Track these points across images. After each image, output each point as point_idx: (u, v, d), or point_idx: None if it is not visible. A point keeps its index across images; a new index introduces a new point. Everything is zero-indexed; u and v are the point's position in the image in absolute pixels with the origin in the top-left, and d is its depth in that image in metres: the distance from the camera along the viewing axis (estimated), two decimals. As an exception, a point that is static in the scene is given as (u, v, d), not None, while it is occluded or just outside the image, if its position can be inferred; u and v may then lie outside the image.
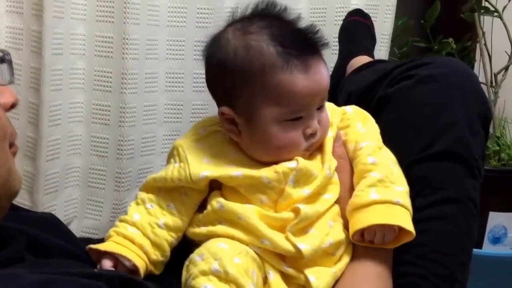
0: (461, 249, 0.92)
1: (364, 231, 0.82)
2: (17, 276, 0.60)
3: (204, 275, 0.76)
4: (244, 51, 0.83)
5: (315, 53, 0.84)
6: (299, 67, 0.82)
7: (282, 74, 0.81)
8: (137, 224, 0.86)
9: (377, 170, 0.85)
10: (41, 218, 0.93)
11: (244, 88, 0.83)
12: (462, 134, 0.93)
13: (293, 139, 0.84)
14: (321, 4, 1.62)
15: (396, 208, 0.82)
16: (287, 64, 0.81)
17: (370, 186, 0.83)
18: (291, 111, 0.83)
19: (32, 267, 0.67)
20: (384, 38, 1.70)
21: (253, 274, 0.79)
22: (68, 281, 0.61)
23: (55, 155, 1.40)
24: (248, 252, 0.80)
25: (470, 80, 0.98)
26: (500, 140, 1.82)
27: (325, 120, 0.87)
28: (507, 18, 1.77)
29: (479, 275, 1.62)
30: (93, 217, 1.49)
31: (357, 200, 0.83)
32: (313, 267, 0.82)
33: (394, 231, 0.82)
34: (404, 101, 0.97)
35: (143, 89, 1.46)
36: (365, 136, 0.90)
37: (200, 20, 1.48)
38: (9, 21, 1.38)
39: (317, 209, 0.84)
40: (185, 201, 0.87)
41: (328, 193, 0.87)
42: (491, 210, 1.68)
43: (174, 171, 0.87)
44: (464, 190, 0.92)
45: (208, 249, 0.79)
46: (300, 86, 0.82)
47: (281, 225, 0.83)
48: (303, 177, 0.85)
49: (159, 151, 1.52)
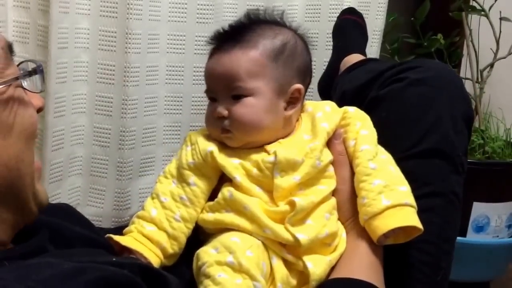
0: (445, 239, 0.98)
1: (385, 235, 0.89)
2: (51, 264, 0.66)
3: (219, 265, 0.83)
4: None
5: (227, 43, 0.96)
6: (210, 54, 0.99)
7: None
8: (155, 220, 0.93)
9: (379, 176, 0.92)
10: (58, 208, 0.99)
11: None
12: (447, 133, 1.00)
13: (207, 115, 0.98)
14: (316, 1, 1.67)
15: (406, 209, 0.89)
16: (211, 51, 0.99)
17: (379, 193, 0.90)
18: (205, 89, 0.99)
19: (60, 257, 0.73)
20: (376, 35, 1.74)
21: (263, 266, 0.86)
22: (99, 269, 0.67)
23: (59, 145, 1.44)
24: (259, 246, 0.88)
25: (455, 83, 1.05)
26: (485, 133, 1.87)
27: (238, 113, 0.94)
28: (493, 17, 1.82)
29: (464, 262, 1.70)
30: (96, 205, 1.53)
31: (371, 209, 0.89)
32: (311, 255, 0.89)
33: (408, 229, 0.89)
34: (395, 102, 1.04)
35: (145, 82, 1.49)
36: (365, 139, 0.96)
37: (200, 16, 1.52)
38: (16, 16, 1.40)
39: (312, 200, 0.91)
40: (196, 192, 0.94)
41: (322, 185, 0.94)
42: (475, 201, 1.73)
43: (187, 154, 0.96)
44: (449, 185, 0.99)
45: (222, 243, 0.86)
46: (205, 68, 0.99)
47: (280, 217, 0.90)
48: (287, 166, 0.92)
49: (160, 141, 1.56)
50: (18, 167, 0.75)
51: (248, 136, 0.94)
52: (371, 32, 1.69)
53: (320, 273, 0.88)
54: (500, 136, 1.89)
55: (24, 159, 0.76)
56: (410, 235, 0.90)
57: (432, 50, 1.94)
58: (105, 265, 0.69)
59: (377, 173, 0.92)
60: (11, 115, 0.74)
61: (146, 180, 1.56)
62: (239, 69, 0.94)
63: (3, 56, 0.76)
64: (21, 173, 0.76)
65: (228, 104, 0.94)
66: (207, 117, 0.98)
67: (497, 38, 1.84)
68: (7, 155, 0.74)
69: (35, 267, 0.65)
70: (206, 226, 0.94)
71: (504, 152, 1.82)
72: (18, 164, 0.75)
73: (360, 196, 0.92)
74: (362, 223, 0.92)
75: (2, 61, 0.76)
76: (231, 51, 0.95)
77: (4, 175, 0.74)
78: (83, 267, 0.66)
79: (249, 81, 0.94)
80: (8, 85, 0.75)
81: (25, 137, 0.76)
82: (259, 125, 0.94)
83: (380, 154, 0.95)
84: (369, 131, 0.98)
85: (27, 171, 0.77)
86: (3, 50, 0.76)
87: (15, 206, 0.77)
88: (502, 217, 1.77)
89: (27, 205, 0.78)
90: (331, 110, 0.99)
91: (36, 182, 0.80)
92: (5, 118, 0.74)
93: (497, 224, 1.77)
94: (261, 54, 0.95)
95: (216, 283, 0.81)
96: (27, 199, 0.78)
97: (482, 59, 1.91)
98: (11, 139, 0.74)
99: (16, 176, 0.75)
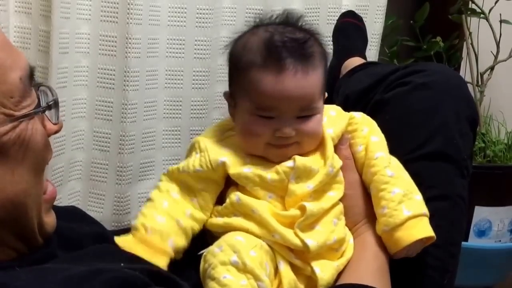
0: (452, 242, 0.99)
1: (408, 246, 0.90)
2: (66, 267, 0.66)
3: (224, 265, 0.82)
4: (243, 46, 0.93)
5: (299, 62, 0.89)
6: (272, 69, 0.88)
7: (255, 72, 0.89)
8: (168, 211, 0.91)
9: (397, 184, 0.92)
10: (66, 211, 0.98)
11: (235, 78, 0.94)
12: (452, 136, 1.00)
13: (257, 132, 0.90)
14: (315, 4, 1.67)
15: (425, 219, 0.91)
16: (264, 64, 0.88)
17: (399, 203, 0.90)
18: (258, 107, 0.90)
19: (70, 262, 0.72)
20: (375, 38, 1.75)
21: (266, 266, 0.85)
22: (115, 270, 0.67)
23: (60, 150, 1.43)
24: (262, 246, 0.87)
25: (460, 87, 1.05)
26: (486, 137, 1.86)
27: (308, 131, 0.91)
28: (493, 20, 1.82)
29: (466, 266, 1.68)
30: (96, 210, 1.52)
31: (394, 220, 0.90)
32: (319, 260, 0.89)
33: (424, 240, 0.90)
34: (400, 106, 1.04)
35: (144, 86, 1.49)
36: (378, 146, 0.96)
37: (199, 20, 1.52)
38: (18, 21, 1.39)
39: (322, 206, 0.90)
40: (205, 196, 0.94)
41: (332, 191, 0.93)
42: (476, 205, 1.73)
43: (195, 161, 0.94)
44: (455, 188, 0.99)
45: (226, 241, 0.86)
46: (266, 86, 0.88)
47: (290, 221, 0.89)
48: (304, 174, 0.91)
49: (159, 146, 1.56)
50: (24, 202, 0.73)
51: (313, 147, 0.94)
52: (370, 35, 1.69)
53: (328, 278, 0.88)
54: (501, 140, 1.89)
55: (32, 193, 0.74)
56: (424, 245, 0.91)
57: (431, 53, 1.94)
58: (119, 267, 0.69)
59: (395, 181, 0.92)
60: (21, 149, 0.72)
61: (145, 184, 1.55)
62: (315, 91, 0.91)
63: (20, 88, 0.72)
64: (27, 208, 0.74)
65: (294, 122, 0.90)
66: (257, 134, 0.91)
67: (497, 41, 1.84)
68: (13, 191, 0.72)
69: (50, 270, 0.65)
70: (215, 230, 0.93)
71: (505, 155, 1.82)
72: (25, 199, 0.73)
73: (380, 206, 0.92)
74: (380, 233, 0.92)
75: (18, 94, 0.72)
76: (306, 73, 0.89)
77: (9, 210, 0.72)
78: (98, 268, 0.66)
79: (319, 101, 0.93)
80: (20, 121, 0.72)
81: (35, 170, 0.74)
82: (320, 136, 0.94)
83: (392, 160, 0.96)
84: (379, 137, 0.97)
85: (33, 205, 0.75)
86: (21, 81, 0.72)
87: (21, 236, 0.75)
88: (504, 222, 1.77)
89: (32, 236, 0.77)
90: (336, 115, 0.99)
91: (44, 213, 0.78)
92: (14, 153, 0.71)
93: (499, 229, 1.77)
94: (323, 72, 0.93)
95: (222, 285, 0.81)
96: (32, 231, 0.76)
97: (482, 62, 1.90)
98: (20, 175, 0.72)
99: (22, 211, 0.73)
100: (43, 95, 0.78)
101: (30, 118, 0.74)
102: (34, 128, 0.74)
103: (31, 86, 0.75)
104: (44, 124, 0.78)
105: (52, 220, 0.80)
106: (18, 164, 0.72)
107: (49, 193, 0.79)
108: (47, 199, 0.79)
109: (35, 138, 0.74)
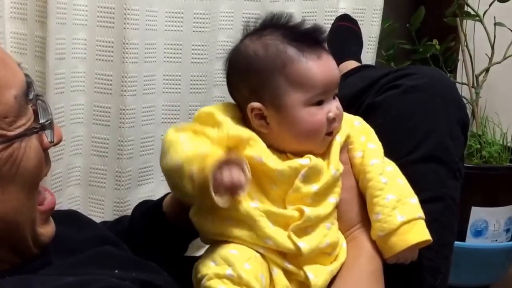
0: (444, 244, 0.99)
1: (403, 251, 0.90)
2: (55, 278, 0.66)
3: (219, 278, 0.83)
4: (263, 50, 0.92)
5: (323, 47, 0.94)
6: (312, 55, 0.91)
7: (298, 63, 0.90)
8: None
9: (391, 190, 0.92)
10: (65, 215, 0.99)
11: (269, 82, 0.91)
12: (443, 139, 1.01)
13: (319, 121, 0.91)
14: (312, 8, 1.68)
15: (419, 222, 0.91)
16: (301, 55, 0.91)
17: (393, 208, 0.91)
18: (313, 94, 0.91)
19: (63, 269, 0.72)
20: (371, 41, 1.76)
21: (261, 278, 0.85)
22: (103, 280, 0.67)
23: (59, 156, 1.44)
24: (256, 258, 0.87)
25: (450, 90, 1.06)
26: (482, 138, 1.88)
27: (340, 108, 0.94)
28: (488, 22, 1.83)
29: (463, 266, 1.70)
30: (95, 215, 1.52)
31: (388, 226, 0.90)
32: (312, 265, 0.89)
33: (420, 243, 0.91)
34: (391, 109, 1.05)
35: (142, 91, 1.50)
36: (374, 153, 0.96)
37: (196, 25, 1.53)
38: (14, 27, 1.40)
39: (319, 212, 0.90)
40: None
41: (332, 196, 0.93)
42: (473, 205, 1.74)
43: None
44: (448, 190, 1.00)
45: (220, 255, 0.86)
46: (315, 71, 0.91)
47: (285, 222, 0.89)
48: (314, 174, 0.91)
49: (158, 150, 1.53)
50: (15, 219, 0.72)
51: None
52: (367, 39, 1.70)
53: (322, 283, 0.89)
54: (497, 141, 1.90)
55: (23, 210, 0.73)
56: (419, 248, 0.92)
57: (427, 56, 1.95)
58: (108, 277, 0.69)
59: (389, 187, 0.93)
60: (13, 168, 0.71)
61: (145, 189, 1.56)
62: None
63: (15, 108, 0.71)
64: (19, 225, 0.73)
65: (333, 102, 0.94)
66: (320, 123, 0.92)
67: (491, 43, 1.85)
68: (4, 209, 0.71)
69: (38, 281, 0.65)
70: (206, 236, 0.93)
71: (501, 156, 1.83)
72: (15, 217, 0.72)
73: (374, 212, 0.92)
74: (375, 238, 0.92)
75: (13, 113, 0.71)
76: (330, 54, 0.95)
77: (1, 228, 0.71)
78: (86, 280, 0.66)
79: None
80: (13, 142, 0.71)
81: (27, 187, 0.73)
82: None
83: (387, 166, 0.96)
84: (376, 145, 0.98)
85: (25, 221, 0.74)
86: (16, 100, 0.71)
87: (14, 250, 0.75)
88: (500, 221, 1.78)
89: (26, 249, 0.76)
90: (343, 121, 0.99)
91: (40, 225, 0.77)
92: (5, 172, 0.70)
93: (495, 229, 1.78)
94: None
95: None
96: (25, 245, 0.76)
97: (478, 64, 1.92)
98: (10, 193, 0.71)
99: (12, 228, 0.73)
100: (41, 109, 0.77)
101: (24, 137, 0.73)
102: (28, 146, 0.73)
103: (27, 103, 0.74)
104: (41, 139, 0.76)
105: (49, 230, 0.80)
106: (9, 182, 0.71)
107: (47, 204, 0.79)
108: (44, 210, 0.78)
109: (28, 156, 0.73)
